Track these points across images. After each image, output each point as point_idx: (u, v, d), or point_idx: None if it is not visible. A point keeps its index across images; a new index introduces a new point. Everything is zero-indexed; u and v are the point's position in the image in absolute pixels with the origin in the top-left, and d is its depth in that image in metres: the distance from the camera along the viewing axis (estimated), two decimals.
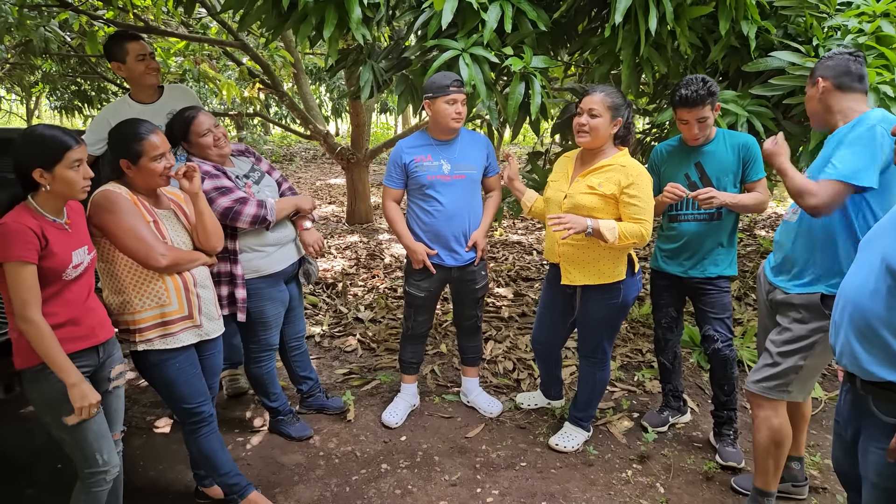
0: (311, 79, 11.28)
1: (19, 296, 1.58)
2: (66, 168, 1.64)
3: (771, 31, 2.63)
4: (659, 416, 2.78)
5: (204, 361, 2.11)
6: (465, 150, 2.60)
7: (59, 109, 9.77)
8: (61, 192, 1.66)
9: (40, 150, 1.62)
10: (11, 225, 1.58)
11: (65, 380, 1.65)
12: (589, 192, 2.26)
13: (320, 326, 3.93)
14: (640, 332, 3.81)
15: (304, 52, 7.03)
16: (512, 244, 6.04)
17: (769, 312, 2.14)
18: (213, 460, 2.14)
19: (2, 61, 8.14)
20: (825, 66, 1.93)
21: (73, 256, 1.69)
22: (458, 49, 2.52)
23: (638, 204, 2.22)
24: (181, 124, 2.30)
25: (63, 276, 1.67)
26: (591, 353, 2.51)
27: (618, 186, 2.22)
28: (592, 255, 2.33)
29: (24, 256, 1.57)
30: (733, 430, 2.56)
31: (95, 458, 1.76)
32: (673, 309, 2.62)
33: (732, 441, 2.55)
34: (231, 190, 2.26)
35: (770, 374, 2.01)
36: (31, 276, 1.59)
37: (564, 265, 2.40)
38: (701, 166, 2.40)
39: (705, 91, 2.23)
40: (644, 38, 2.40)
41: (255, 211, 2.27)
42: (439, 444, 2.67)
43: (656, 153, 2.55)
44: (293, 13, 2.48)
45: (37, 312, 1.60)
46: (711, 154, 2.38)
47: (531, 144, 14.00)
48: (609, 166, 2.27)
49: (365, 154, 6.63)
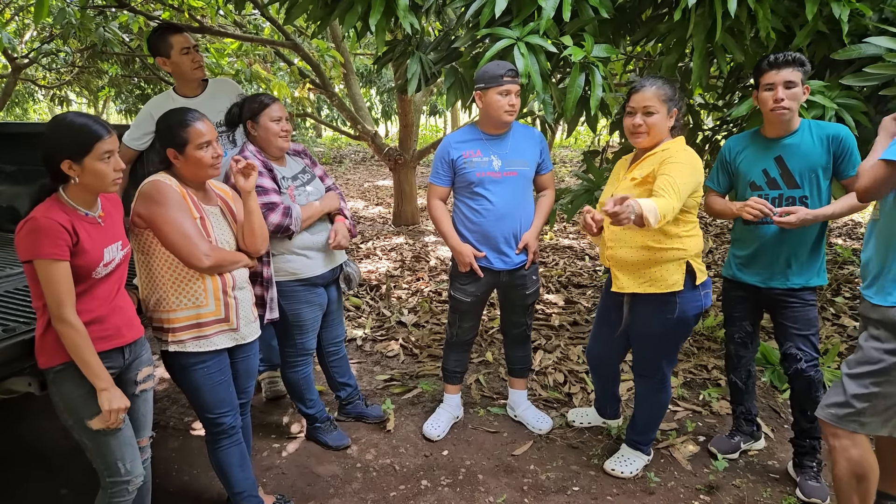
0: (361, 80, 11.36)
1: (53, 295, 1.51)
2: (95, 160, 1.54)
3: (866, 14, 2.33)
4: (729, 442, 2.50)
5: (239, 364, 2.02)
6: (518, 145, 2.42)
7: (124, 112, 10.20)
8: (91, 184, 1.58)
9: (69, 139, 1.53)
10: (41, 220, 1.49)
11: (95, 384, 1.58)
12: (632, 185, 2.06)
13: (362, 329, 3.83)
14: (704, 347, 3.52)
15: (354, 51, 7.02)
16: (563, 248, 5.80)
17: None
18: (228, 476, 2.05)
19: (70, 65, 8.55)
20: None
21: (104, 254, 1.60)
22: (512, 38, 2.34)
23: (667, 177, 1.90)
24: (255, 106, 2.25)
25: (93, 275, 1.59)
26: (646, 373, 2.27)
27: (654, 168, 2.00)
28: (644, 258, 2.08)
29: (55, 254, 1.49)
30: (816, 461, 2.27)
31: (118, 467, 1.67)
32: (748, 323, 2.35)
33: (816, 474, 2.26)
34: (266, 192, 2.17)
35: (839, 400, 1.75)
36: (64, 273, 1.51)
37: (614, 270, 2.18)
38: (782, 161, 2.13)
39: (794, 58, 2.01)
40: (720, 22, 2.15)
41: (278, 220, 2.17)
42: (483, 462, 2.49)
43: (727, 148, 2.28)
44: (339, 3, 2.37)
45: (72, 312, 1.53)
46: (795, 147, 2.11)
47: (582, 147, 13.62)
48: (651, 155, 2.06)
49: (412, 155, 6.54)
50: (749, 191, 2.20)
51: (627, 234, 2.10)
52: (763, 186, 2.17)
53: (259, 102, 2.25)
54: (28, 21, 7.53)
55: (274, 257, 2.29)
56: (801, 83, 2.05)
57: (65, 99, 9.94)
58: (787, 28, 2.40)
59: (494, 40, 2.37)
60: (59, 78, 9.32)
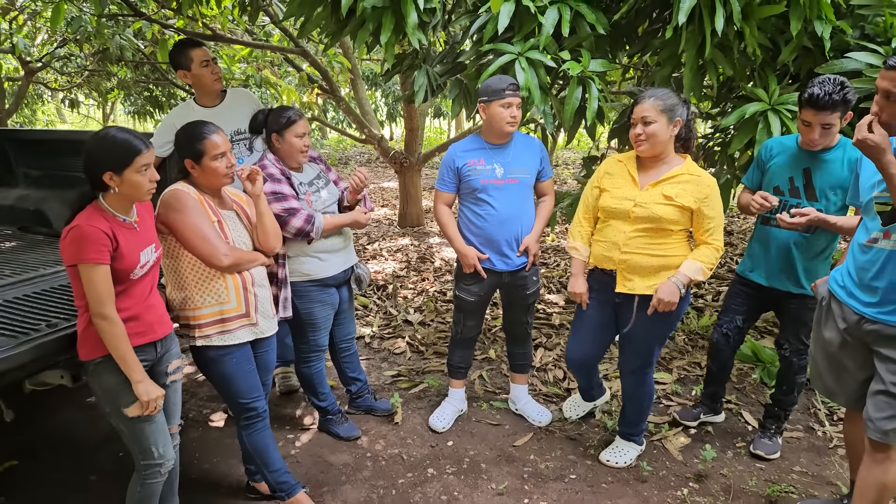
0: (368, 84, 11.50)
1: (96, 295, 1.65)
2: (134, 172, 1.69)
3: (847, 31, 2.47)
4: (691, 412, 2.79)
5: (258, 358, 2.17)
6: (519, 154, 2.56)
7: (132, 114, 10.37)
8: (128, 194, 1.72)
9: (112, 153, 1.67)
10: (85, 228, 1.63)
11: (131, 376, 1.71)
12: (666, 203, 2.16)
13: (370, 328, 3.98)
14: (698, 345, 3.66)
15: (361, 57, 7.17)
16: (563, 250, 5.94)
17: (852, 346, 1.92)
18: (265, 456, 2.19)
19: (81, 68, 8.73)
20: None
21: (140, 257, 1.75)
22: (513, 53, 2.49)
23: (713, 220, 2.16)
24: (283, 121, 2.35)
25: (131, 276, 1.73)
26: (637, 369, 2.40)
27: (694, 199, 2.14)
28: (659, 264, 2.22)
29: (97, 259, 1.63)
30: (776, 425, 2.59)
31: (151, 451, 1.82)
32: (741, 318, 2.52)
33: (772, 435, 2.58)
34: (286, 198, 2.31)
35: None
36: (106, 275, 1.66)
37: (625, 273, 2.27)
38: (809, 174, 2.27)
39: (840, 97, 2.06)
40: (710, 39, 2.30)
41: (300, 224, 2.31)
42: (486, 452, 2.64)
43: (765, 147, 2.41)
44: (352, 19, 2.52)
45: (113, 309, 1.67)
46: (826, 164, 2.24)
47: (585, 149, 13.74)
48: (682, 175, 2.18)
49: (417, 158, 6.68)
50: (772, 194, 2.34)
51: (644, 242, 2.22)
52: (785, 192, 2.33)
53: (287, 119, 2.35)
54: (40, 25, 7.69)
55: (289, 259, 2.43)
56: (842, 116, 2.11)
57: (74, 101, 10.13)
58: (773, 44, 2.54)
59: (497, 55, 2.52)
60: (69, 81, 9.51)
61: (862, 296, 1.86)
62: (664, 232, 2.20)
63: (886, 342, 1.80)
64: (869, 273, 1.82)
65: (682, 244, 2.23)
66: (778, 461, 2.55)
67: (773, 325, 3.83)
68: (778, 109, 2.50)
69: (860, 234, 1.89)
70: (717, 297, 4.39)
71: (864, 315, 1.84)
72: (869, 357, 1.87)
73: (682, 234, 2.23)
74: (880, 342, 1.82)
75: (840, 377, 1.99)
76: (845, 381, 1.98)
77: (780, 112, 2.50)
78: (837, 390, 2.02)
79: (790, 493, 2.34)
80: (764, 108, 2.51)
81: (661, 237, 2.21)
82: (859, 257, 1.87)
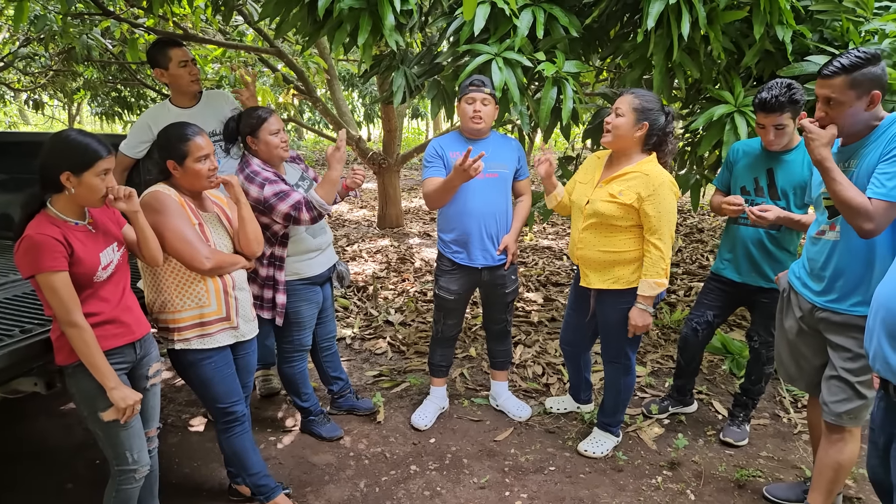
0: (344, 85, 11.45)
1: (60, 303, 1.61)
2: (94, 175, 1.65)
3: (806, 35, 2.58)
4: (660, 404, 2.89)
5: (239, 361, 2.17)
6: (498, 149, 2.61)
7: (99, 115, 10.13)
8: (83, 197, 1.67)
9: (74, 153, 1.63)
10: (36, 237, 1.59)
11: (105, 384, 1.69)
12: (609, 201, 2.26)
13: (351, 329, 3.99)
14: (671, 339, 3.76)
15: (338, 58, 7.14)
16: (542, 249, 6.02)
17: (807, 333, 2.02)
18: (244, 459, 2.20)
19: (45, 68, 8.50)
20: (875, 78, 1.70)
21: (100, 258, 1.71)
22: (490, 54, 2.54)
23: (653, 218, 2.20)
24: (253, 121, 2.34)
25: (94, 279, 1.69)
26: (613, 359, 2.50)
27: (637, 196, 2.21)
28: (610, 259, 2.32)
29: (54, 266, 1.59)
30: (744, 413, 2.69)
31: (126, 456, 1.81)
32: (712, 314, 2.61)
33: (740, 423, 2.69)
34: (288, 194, 2.29)
35: (857, 405, 1.90)
36: (66, 282, 1.61)
37: (582, 267, 2.42)
38: (772, 174, 2.38)
39: (786, 98, 2.18)
40: (676, 43, 2.38)
41: (310, 215, 2.31)
42: (468, 447, 2.68)
43: (734, 150, 2.52)
44: (328, 20, 2.53)
45: (80, 316, 1.64)
46: (787, 164, 2.35)
47: (562, 149, 13.90)
48: (631, 173, 2.25)
49: (396, 159, 6.69)
50: (739, 194, 2.46)
51: (594, 238, 2.33)
52: (751, 192, 2.44)
53: (257, 117, 2.34)
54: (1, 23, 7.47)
55: (288, 258, 2.44)
56: (794, 116, 2.24)
57: (39, 102, 9.86)
58: (737, 47, 2.64)
59: (474, 56, 2.57)
60: (33, 81, 9.25)
61: (813, 285, 1.97)
62: (612, 228, 2.28)
63: (836, 329, 1.91)
64: (818, 263, 1.93)
65: (632, 240, 2.29)
66: (746, 447, 2.65)
67: (742, 319, 3.96)
68: (744, 111, 2.60)
69: (812, 227, 2.01)
70: (688, 292, 4.52)
71: (815, 304, 1.95)
72: (823, 344, 1.98)
73: (633, 231, 2.28)
74: (831, 330, 1.92)
75: (799, 364, 2.09)
76: (804, 368, 2.08)
77: (746, 114, 2.60)
78: (797, 376, 2.13)
79: (757, 478, 2.44)
80: (730, 111, 2.61)
81: (609, 233, 2.29)
82: (810, 249, 1.98)
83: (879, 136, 1.75)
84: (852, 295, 1.86)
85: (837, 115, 1.76)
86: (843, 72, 1.70)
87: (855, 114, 1.74)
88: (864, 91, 1.71)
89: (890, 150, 1.70)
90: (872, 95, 1.71)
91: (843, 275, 1.87)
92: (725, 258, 2.56)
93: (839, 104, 1.73)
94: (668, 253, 2.22)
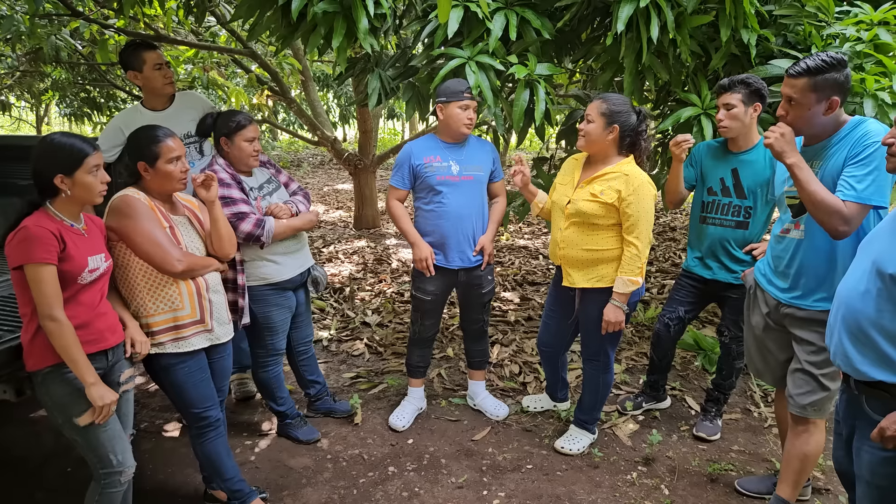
0: (319, 85, 11.37)
1: (44, 296, 1.63)
2: (85, 173, 1.70)
3: (770, 39, 2.66)
4: (634, 400, 2.95)
5: (214, 364, 2.15)
6: (473, 152, 2.64)
7: (68, 116, 9.90)
8: (80, 196, 1.72)
9: (61, 156, 1.68)
10: (32, 229, 1.63)
11: (84, 379, 1.69)
12: (591, 200, 2.31)
13: (328, 331, 3.98)
14: (645, 336, 3.83)
15: (313, 59, 7.10)
16: (518, 248, 6.07)
17: (773, 329, 2.08)
18: (218, 465, 2.18)
19: (12, 69, 8.28)
20: (836, 84, 1.74)
21: (88, 261, 1.73)
22: (464, 57, 2.57)
23: (632, 217, 2.26)
24: (231, 125, 2.35)
25: (78, 280, 1.72)
26: (593, 357, 2.54)
27: (618, 196, 2.26)
28: (594, 258, 2.37)
29: (46, 258, 1.63)
30: (716, 408, 2.76)
31: (110, 458, 1.80)
32: (683, 309, 2.67)
33: (713, 417, 2.76)
34: (235, 202, 2.30)
35: (821, 397, 1.95)
36: (53, 276, 1.65)
37: (565, 267, 2.45)
38: (737, 173, 2.44)
39: (738, 80, 2.30)
40: (646, 46, 2.43)
41: (249, 229, 2.30)
42: (446, 447, 2.70)
43: (698, 149, 2.59)
44: (302, 23, 2.53)
45: (61, 311, 1.66)
46: (749, 163, 2.41)
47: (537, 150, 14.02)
48: (611, 173, 2.30)
49: (372, 160, 6.68)
50: (706, 195, 2.53)
51: (576, 237, 2.37)
52: (718, 192, 2.50)
53: (236, 123, 2.35)
54: None
55: (246, 263, 2.42)
56: (746, 103, 2.31)
57: (5, 103, 9.60)
58: (704, 51, 2.71)
59: (448, 59, 2.59)
60: None
61: (778, 282, 2.03)
62: (593, 227, 2.33)
63: (800, 324, 1.97)
64: (783, 261, 1.99)
65: (614, 238, 2.34)
66: (718, 442, 2.72)
67: (713, 315, 4.06)
68: (710, 114, 2.67)
69: (776, 225, 2.07)
70: (661, 290, 4.61)
71: (780, 300, 2.01)
72: (789, 339, 2.04)
73: (614, 230, 2.34)
74: (795, 325, 1.99)
75: (766, 358, 2.16)
76: (770, 363, 2.15)
77: (712, 116, 2.67)
78: (764, 371, 2.19)
79: (729, 471, 2.51)
80: (697, 113, 2.67)
81: (591, 231, 2.34)
82: (775, 247, 2.05)
83: (843, 137, 1.81)
84: (816, 291, 1.92)
85: (796, 115, 1.81)
86: (807, 73, 1.75)
87: (812, 116, 1.80)
88: (823, 95, 1.76)
89: (857, 154, 1.75)
90: (830, 101, 1.77)
91: (806, 272, 1.93)
92: (696, 256, 2.62)
93: (799, 105, 1.79)
94: (644, 252, 2.28)
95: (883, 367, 1.42)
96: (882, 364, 1.42)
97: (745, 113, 2.34)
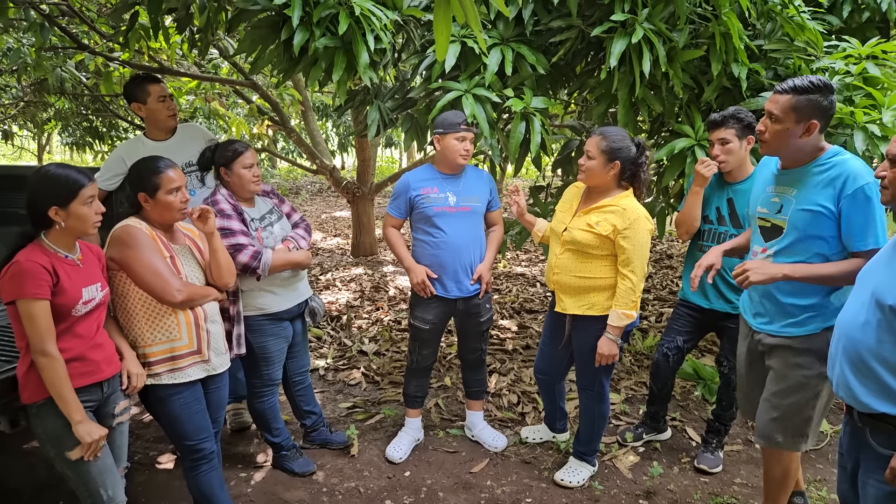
0: (318, 115, 11.53)
1: (36, 331, 1.63)
2: (80, 204, 1.71)
3: (761, 72, 2.72)
4: (635, 431, 2.91)
5: (210, 395, 2.14)
6: (470, 183, 2.67)
7: (70, 145, 10.00)
8: (75, 227, 1.72)
9: (57, 187, 1.68)
10: (24, 264, 1.63)
11: (70, 417, 1.67)
12: (586, 230, 2.33)
13: (324, 359, 3.95)
14: (644, 365, 3.81)
15: (313, 90, 7.22)
16: (515, 276, 6.08)
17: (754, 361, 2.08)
18: (212, 499, 2.15)
19: (16, 99, 8.40)
20: (818, 107, 1.75)
21: (83, 293, 1.73)
22: (461, 90, 2.62)
23: (627, 251, 2.28)
24: (229, 154, 2.39)
25: (73, 313, 1.71)
26: (587, 386, 2.52)
27: (613, 229, 2.28)
28: (586, 285, 2.38)
29: (38, 293, 1.62)
30: (717, 439, 2.73)
31: (100, 494, 1.77)
32: (682, 339, 2.66)
33: (713, 449, 2.72)
34: (234, 234, 2.32)
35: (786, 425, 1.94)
36: (45, 311, 1.64)
37: (558, 293, 2.47)
38: (732, 203, 2.47)
39: (730, 115, 2.34)
40: (639, 80, 2.49)
41: (246, 261, 2.31)
42: (443, 480, 2.66)
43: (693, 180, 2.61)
44: (304, 57, 2.58)
45: (54, 346, 1.65)
46: (744, 193, 2.43)
47: (533, 177, 14.14)
48: (609, 206, 2.32)
49: (370, 188, 6.74)
50: (703, 223, 2.56)
51: (570, 264, 2.39)
52: (714, 221, 2.53)
53: (233, 151, 2.39)
54: None
55: (243, 293, 2.43)
56: (740, 137, 2.36)
57: (8, 132, 9.70)
58: (697, 84, 2.77)
59: (446, 91, 2.64)
60: (3, 112, 9.12)
61: (749, 308, 2.05)
62: (588, 255, 2.35)
63: (770, 353, 1.97)
64: (755, 288, 1.99)
65: (607, 268, 2.36)
66: (720, 474, 2.68)
67: (712, 344, 4.04)
68: (703, 145, 2.71)
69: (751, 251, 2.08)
70: (659, 318, 4.60)
71: (752, 327, 2.03)
72: (765, 372, 2.03)
73: (608, 259, 2.35)
74: (767, 353, 1.99)
75: (748, 396, 2.16)
76: (751, 399, 2.14)
77: (705, 147, 2.71)
78: (748, 409, 2.18)
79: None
80: (691, 144, 2.72)
81: (585, 260, 2.36)
82: None
83: (825, 170, 1.82)
84: (781, 317, 1.92)
85: (774, 131, 1.82)
86: (792, 92, 1.77)
87: (789, 136, 1.80)
88: (803, 117, 1.77)
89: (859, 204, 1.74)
90: (809, 124, 1.77)
91: (772, 297, 1.93)
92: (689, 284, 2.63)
93: (778, 121, 1.80)
94: (639, 286, 2.29)
95: (885, 399, 1.41)
96: (884, 395, 1.41)
97: (741, 147, 2.39)
